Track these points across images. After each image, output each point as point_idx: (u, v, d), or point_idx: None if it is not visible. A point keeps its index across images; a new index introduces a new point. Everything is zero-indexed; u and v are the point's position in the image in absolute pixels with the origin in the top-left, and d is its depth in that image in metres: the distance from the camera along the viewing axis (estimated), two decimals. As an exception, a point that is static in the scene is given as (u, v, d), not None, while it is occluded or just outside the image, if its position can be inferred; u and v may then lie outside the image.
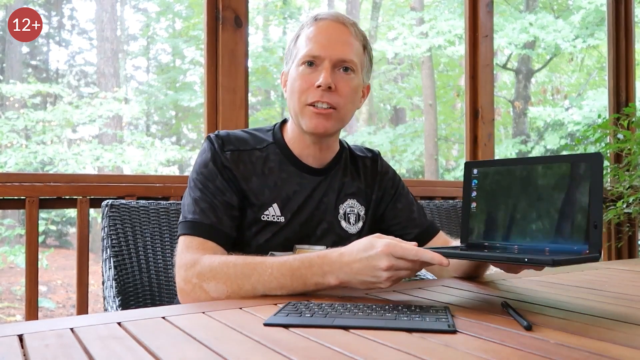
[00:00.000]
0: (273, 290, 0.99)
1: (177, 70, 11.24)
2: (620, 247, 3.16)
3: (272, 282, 0.99)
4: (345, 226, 1.25)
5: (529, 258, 0.84)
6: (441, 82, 11.20)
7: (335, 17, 1.19)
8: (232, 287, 1.00)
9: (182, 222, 1.12)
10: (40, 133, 8.45)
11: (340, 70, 1.16)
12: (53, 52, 11.52)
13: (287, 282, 0.99)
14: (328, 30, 1.17)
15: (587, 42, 8.80)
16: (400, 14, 10.44)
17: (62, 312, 6.95)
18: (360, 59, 1.20)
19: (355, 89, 1.19)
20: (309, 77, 1.15)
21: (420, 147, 10.05)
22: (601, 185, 0.87)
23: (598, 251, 0.84)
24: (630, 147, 2.68)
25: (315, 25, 1.18)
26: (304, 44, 1.17)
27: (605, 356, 0.65)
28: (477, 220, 1.05)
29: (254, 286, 0.99)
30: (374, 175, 1.33)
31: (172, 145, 9.40)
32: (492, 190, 1.04)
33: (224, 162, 1.16)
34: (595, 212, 0.86)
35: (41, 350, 0.66)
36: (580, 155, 0.91)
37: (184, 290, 1.04)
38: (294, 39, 1.22)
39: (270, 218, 1.16)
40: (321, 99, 1.14)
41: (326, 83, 1.13)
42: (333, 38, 1.16)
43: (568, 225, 0.90)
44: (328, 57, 1.15)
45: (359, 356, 0.64)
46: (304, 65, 1.16)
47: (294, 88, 1.17)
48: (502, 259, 0.95)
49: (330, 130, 1.18)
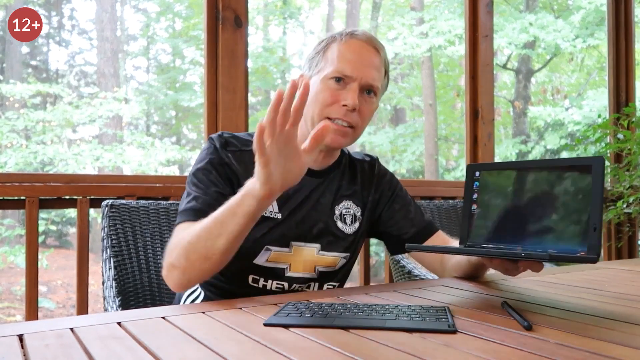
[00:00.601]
0: (211, 232, 0.97)
1: (177, 70, 11.24)
2: (620, 247, 3.16)
3: (210, 223, 0.98)
4: (341, 226, 1.27)
5: (525, 253, 0.84)
6: (441, 82, 11.20)
7: (370, 40, 1.22)
8: (184, 250, 1.00)
9: (177, 216, 1.14)
10: (40, 133, 8.45)
11: (364, 93, 1.19)
12: (53, 52, 11.53)
13: (219, 215, 0.97)
14: (362, 52, 1.19)
15: (587, 42, 8.80)
16: (400, 14, 10.44)
17: (62, 312, 6.95)
18: (381, 83, 1.24)
19: (373, 112, 1.24)
20: (336, 94, 1.17)
21: (420, 147, 10.05)
22: (602, 188, 0.87)
23: (597, 254, 0.83)
24: (630, 147, 2.68)
25: (349, 42, 1.20)
26: (335, 59, 1.18)
27: (605, 356, 0.65)
28: (478, 222, 1.05)
29: (199, 234, 0.99)
30: (371, 177, 1.36)
31: (172, 146, 9.40)
32: (494, 193, 1.04)
33: (223, 159, 1.17)
34: (595, 215, 0.86)
35: (41, 350, 0.66)
36: (583, 159, 0.91)
37: (166, 277, 1.06)
38: (322, 47, 1.23)
39: (267, 213, 1.18)
40: (344, 117, 1.17)
41: (354, 105, 1.16)
42: (366, 61, 1.19)
43: (568, 229, 0.90)
44: (358, 79, 1.17)
45: (359, 356, 0.64)
46: (332, 80, 1.18)
47: (317, 99, 1.18)
48: (498, 253, 0.95)
49: (343, 146, 1.22)
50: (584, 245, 0.87)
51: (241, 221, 0.96)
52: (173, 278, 1.04)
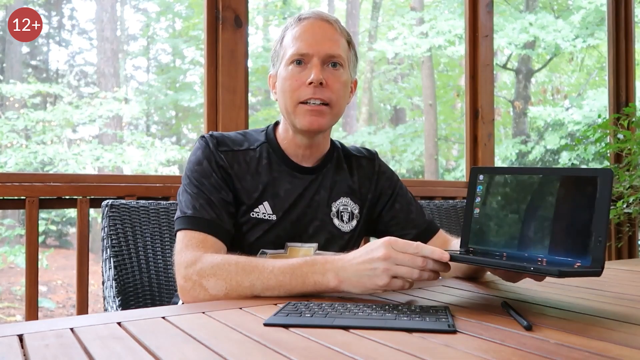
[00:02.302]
0: (271, 289, 0.98)
1: (177, 70, 11.24)
2: (620, 247, 3.16)
3: (271, 280, 0.98)
4: (338, 224, 1.25)
5: (534, 267, 0.83)
6: (441, 82, 11.20)
7: (319, 15, 1.21)
8: (230, 283, 0.99)
9: (180, 217, 1.12)
10: (40, 133, 8.45)
11: (329, 66, 1.18)
12: (53, 52, 11.52)
13: (285, 280, 0.97)
14: (313, 28, 1.19)
15: (587, 42, 8.80)
16: (400, 14, 10.44)
17: (62, 312, 6.95)
18: (346, 54, 1.22)
19: (345, 84, 1.21)
20: (299, 76, 1.16)
21: (420, 147, 10.05)
22: (609, 201, 0.86)
23: (601, 266, 0.83)
24: (630, 147, 2.67)
25: (299, 24, 1.20)
26: (290, 44, 1.18)
27: (605, 356, 0.65)
28: (479, 226, 1.04)
29: (253, 283, 0.98)
30: (370, 174, 1.33)
31: (172, 145, 9.40)
32: (497, 198, 1.03)
33: (218, 162, 1.16)
34: (600, 228, 0.85)
35: (41, 350, 0.66)
36: (590, 170, 0.90)
37: (184, 287, 1.03)
38: (278, 40, 1.23)
39: (260, 216, 1.17)
40: (314, 95, 1.15)
41: (317, 79, 1.14)
42: (319, 35, 1.18)
43: (571, 238, 0.89)
44: (316, 53, 1.16)
45: (359, 356, 0.64)
46: (292, 65, 1.17)
47: (285, 88, 1.18)
48: (507, 266, 0.92)
49: (324, 126, 1.19)
50: (587, 257, 0.86)
51: (297, 288, 0.98)
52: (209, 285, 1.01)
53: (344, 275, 0.95)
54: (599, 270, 0.82)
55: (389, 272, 0.92)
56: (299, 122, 1.17)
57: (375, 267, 0.92)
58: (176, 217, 1.14)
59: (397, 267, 0.92)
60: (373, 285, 0.93)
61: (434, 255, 0.91)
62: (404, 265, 0.92)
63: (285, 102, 1.19)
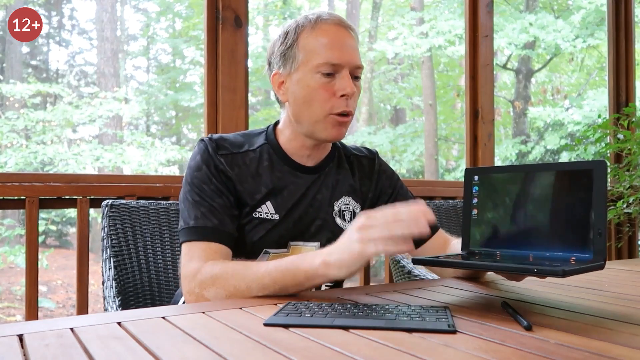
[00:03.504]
0: (267, 288, 0.99)
1: (177, 70, 11.24)
2: (620, 247, 3.16)
3: (266, 279, 0.99)
4: (340, 223, 1.25)
5: (538, 268, 0.82)
6: (441, 82, 11.20)
7: (340, 21, 1.18)
8: (228, 289, 1.01)
9: (184, 229, 1.12)
10: (40, 133, 8.45)
11: (352, 77, 1.16)
12: (53, 52, 11.54)
13: (279, 276, 0.98)
14: (339, 36, 1.16)
15: (587, 42, 8.80)
16: (400, 14, 10.44)
17: (62, 312, 6.95)
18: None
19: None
20: (329, 86, 1.14)
21: (420, 147, 10.05)
22: (605, 192, 0.86)
23: (603, 259, 0.83)
24: (630, 147, 2.68)
25: (321, 29, 1.15)
26: (316, 50, 1.14)
27: (605, 356, 0.65)
28: (479, 227, 1.04)
29: (249, 285, 1.00)
30: (370, 173, 1.34)
31: (172, 145, 9.41)
32: (494, 197, 1.03)
33: (218, 166, 1.16)
34: (599, 220, 0.85)
35: (41, 350, 0.66)
36: (584, 162, 0.90)
37: (189, 301, 1.05)
38: (293, 39, 1.17)
39: (263, 215, 1.17)
40: (346, 108, 1.15)
41: (352, 92, 1.14)
42: (347, 45, 1.16)
43: (571, 233, 0.89)
44: (347, 64, 1.14)
45: (359, 356, 0.64)
46: (320, 74, 1.14)
47: (312, 97, 1.15)
48: (511, 269, 0.91)
49: (345, 135, 1.20)
50: (589, 251, 0.86)
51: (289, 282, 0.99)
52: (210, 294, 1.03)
53: (330, 258, 0.95)
54: (602, 263, 0.82)
55: (363, 238, 0.91)
56: (326, 132, 1.17)
57: (353, 238, 0.93)
58: (180, 228, 1.14)
59: (370, 230, 0.91)
60: (351, 257, 0.93)
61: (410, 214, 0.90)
62: (377, 227, 0.91)
63: (311, 111, 1.16)
